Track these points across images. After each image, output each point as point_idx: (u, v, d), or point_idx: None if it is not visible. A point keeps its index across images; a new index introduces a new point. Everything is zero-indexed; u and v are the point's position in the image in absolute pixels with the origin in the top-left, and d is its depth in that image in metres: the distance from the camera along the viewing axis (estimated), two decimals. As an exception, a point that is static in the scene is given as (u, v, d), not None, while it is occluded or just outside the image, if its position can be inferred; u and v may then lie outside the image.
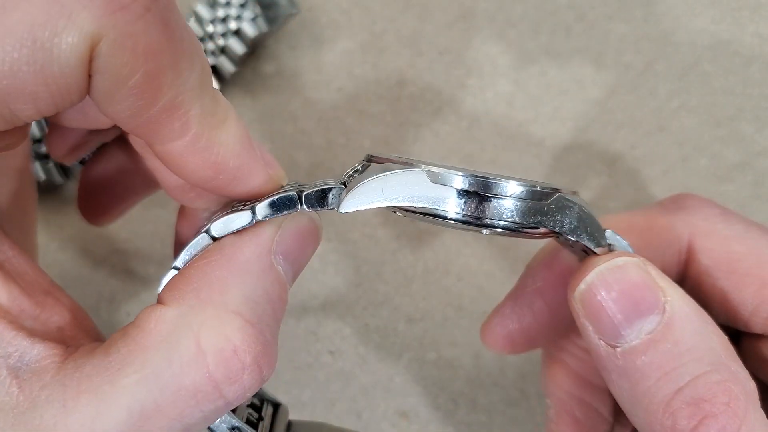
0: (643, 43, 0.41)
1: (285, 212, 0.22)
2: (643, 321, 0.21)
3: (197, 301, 0.20)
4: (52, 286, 0.22)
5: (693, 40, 0.41)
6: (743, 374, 0.21)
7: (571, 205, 0.22)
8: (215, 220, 0.22)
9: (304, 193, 0.22)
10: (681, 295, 0.22)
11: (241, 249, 0.21)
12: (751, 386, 0.21)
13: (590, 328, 0.22)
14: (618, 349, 0.21)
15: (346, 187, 0.22)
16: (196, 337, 0.19)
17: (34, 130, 0.38)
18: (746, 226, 0.26)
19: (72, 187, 0.39)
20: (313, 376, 0.36)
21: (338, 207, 0.22)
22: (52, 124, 0.28)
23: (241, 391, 0.20)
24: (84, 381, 0.19)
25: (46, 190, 0.38)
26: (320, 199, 0.22)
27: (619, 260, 0.22)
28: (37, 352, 0.19)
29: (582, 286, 0.22)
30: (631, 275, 0.21)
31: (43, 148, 0.37)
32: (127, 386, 0.19)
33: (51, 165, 0.37)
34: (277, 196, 0.22)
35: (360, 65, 0.40)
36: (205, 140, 0.21)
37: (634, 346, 0.21)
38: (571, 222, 0.21)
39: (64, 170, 0.38)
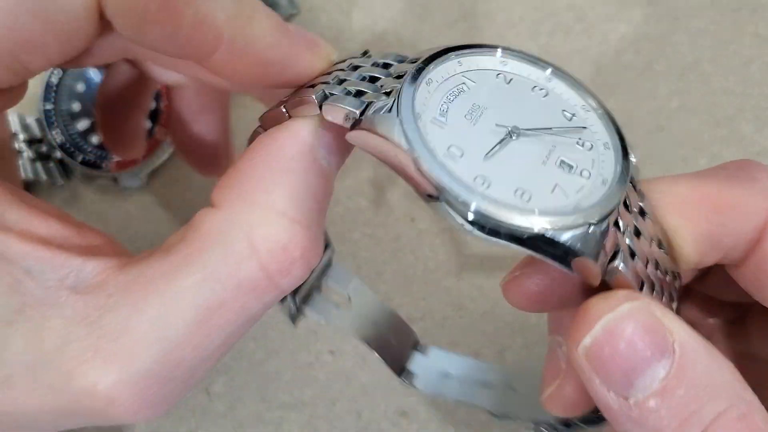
0: (643, 43, 0.41)
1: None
2: (654, 367, 0.20)
3: (244, 204, 0.21)
4: (79, 221, 0.22)
5: (693, 40, 0.41)
6: (752, 397, 0.21)
7: None
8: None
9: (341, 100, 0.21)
10: (686, 330, 0.21)
11: (282, 148, 0.21)
12: (760, 404, 0.21)
13: (597, 381, 0.21)
14: (631, 400, 0.20)
15: (389, 96, 0.20)
16: (248, 237, 0.20)
17: (35, 130, 0.38)
18: None
19: (72, 187, 0.39)
20: (314, 376, 0.36)
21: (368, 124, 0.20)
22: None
23: (294, 281, 0.21)
24: (150, 284, 0.20)
25: (47, 190, 0.39)
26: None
27: (624, 308, 0.21)
28: (91, 267, 0.20)
29: (587, 340, 0.21)
30: (639, 322, 0.21)
31: (44, 148, 0.38)
32: (190, 287, 0.20)
33: (51, 165, 0.37)
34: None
35: (360, 65, 0.41)
36: (241, 41, 0.21)
37: (649, 396, 0.20)
38: None
39: (65, 170, 0.38)
